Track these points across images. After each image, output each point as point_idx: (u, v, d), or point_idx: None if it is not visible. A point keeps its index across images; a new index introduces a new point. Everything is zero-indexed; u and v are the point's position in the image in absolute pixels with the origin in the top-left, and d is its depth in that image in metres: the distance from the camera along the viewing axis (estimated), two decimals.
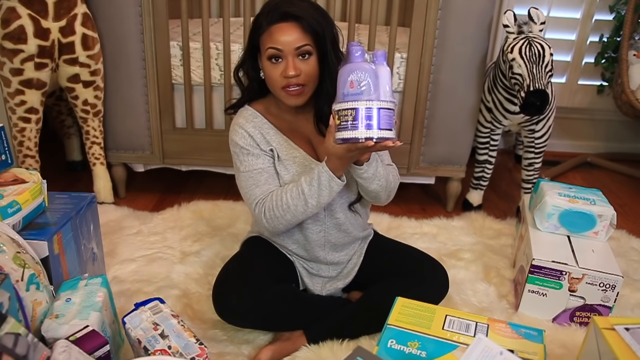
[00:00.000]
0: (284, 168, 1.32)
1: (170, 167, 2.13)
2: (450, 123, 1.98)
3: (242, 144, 1.30)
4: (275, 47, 1.20)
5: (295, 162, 1.32)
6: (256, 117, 1.33)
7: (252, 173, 1.30)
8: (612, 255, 1.50)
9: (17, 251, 1.10)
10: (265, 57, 1.23)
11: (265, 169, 1.31)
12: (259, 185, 1.30)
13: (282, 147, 1.32)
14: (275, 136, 1.32)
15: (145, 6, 1.83)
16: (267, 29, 1.21)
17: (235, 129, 1.32)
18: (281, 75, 1.22)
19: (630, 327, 1.00)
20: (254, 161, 1.30)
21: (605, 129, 2.89)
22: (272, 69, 1.22)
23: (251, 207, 1.31)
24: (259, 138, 1.31)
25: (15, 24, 1.66)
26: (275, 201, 1.26)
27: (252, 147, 1.30)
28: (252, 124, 1.32)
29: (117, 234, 1.82)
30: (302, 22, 1.20)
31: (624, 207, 2.27)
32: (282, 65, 1.21)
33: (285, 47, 1.20)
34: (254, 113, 1.33)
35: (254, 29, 1.25)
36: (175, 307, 1.41)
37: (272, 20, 1.21)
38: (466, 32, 1.86)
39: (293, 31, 1.20)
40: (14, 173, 1.31)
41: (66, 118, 2.26)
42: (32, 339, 0.90)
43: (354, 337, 1.34)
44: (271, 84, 1.25)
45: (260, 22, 1.23)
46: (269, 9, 1.21)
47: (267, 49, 1.21)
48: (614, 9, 2.55)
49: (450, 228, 1.98)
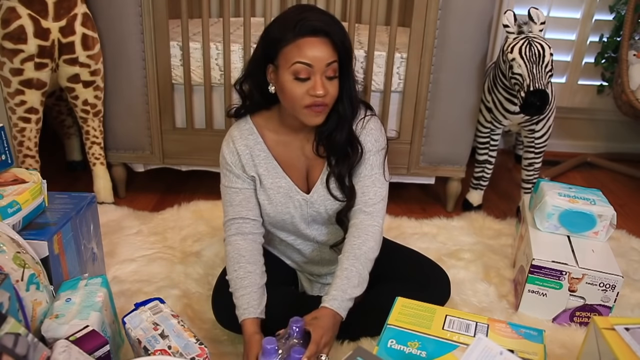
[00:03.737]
0: (266, 197, 1.29)
1: (170, 167, 2.13)
2: (450, 123, 1.98)
3: (228, 160, 1.28)
4: (305, 62, 1.11)
5: (280, 192, 1.28)
6: (252, 134, 1.28)
7: (230, 190, 1.29)
8: (612, 255, 1.50)
9: (17, 251, 1.10)
10: (288, 73, 1.13)
11: (243, 190, 1.29)
12: (232, 205, 1.29)
13: (269, 174, 1.28)
14: (265, 161, 1.28)
15: (145, 6, 1.83)
16: (293, 42, 1.11)
17: (228, 142, 1.29)
18: (307, 93, 1.14)
19: (630, 327, 1.00)
20: (234, 180, 1.29)
21: (605, 129, 2.89)
22: (296, 85, 1.13)
23: (223, 220, 1.31)
24: (246, 159, 1.27)
25: (15, 24, 1.66)
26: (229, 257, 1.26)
27: (235, 166, 1.28)
28: (244, 142, 1.27)
29: (117, 234, 1.82)
30: (334, 37, 1.13)
31: (624, 207, 2.27)
32: (309, 83, 1.13)
33: (316, 64, 1.12)
34: (250, 129, 1.28)
35: (271, 39, 1.15)
36: (175, 307, 1.41)
37: (300, 33, 1.11)
38: (466, 32, 1.86)
39: (323, 47, 1.12)
40: (14, 173, 1.31)
41: (66, 118, 2.26)
42: (32, 339, 0.90)
43: (354, 337, 1.34)
44: (291, 101, 1.16)
45: (282, 33, 1.13)
46: (295, 20, 1.12)
47: (295, 64, 1.12)
48: (614, 9, 2.55)
49: (450, 228, 1.98)
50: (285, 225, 1.33)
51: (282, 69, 1.15)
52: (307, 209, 1.30)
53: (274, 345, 1.06)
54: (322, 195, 1.29)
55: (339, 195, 1.28)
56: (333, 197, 1.28)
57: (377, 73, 1.93)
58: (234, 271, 1.24)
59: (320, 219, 1.32)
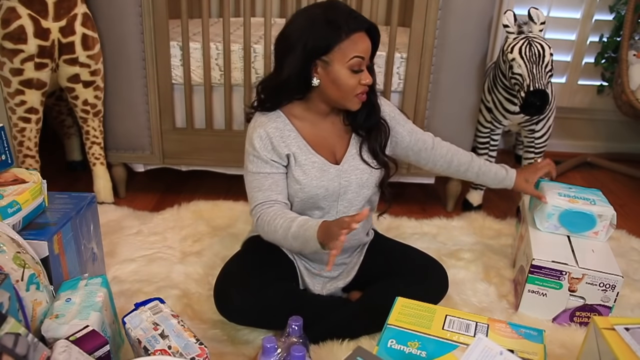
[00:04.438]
0: (302, 172, 1.32)
1: (170, 167, 2.13)
2: (450, 123, 1.98)
3: (257, 145, 1.31)
4: (361, 56, 1.24)
5: (314, 167, 1.33)
6: (279, 117, 1.34)
7: (258, 176, 1.32)
8: (612, 255, 1.50)
9: (17, 251, 1.10)
10: (345, 66, 1.24)
11: (272, 174, 1.32)
12: (262, 190, 1.32)
13: (302, 151, 1.33)
14: (295, 140, 1.33)
15: (145, 6, 1.83)
16: (348, 37, 1.22)
17: (255, 128, 1.32)
18: (359, 83, 1.27)
19: (630, 327, 1.00)
20: (262, 165, 1.32)
21: (605, 129, 2.89)
22: (351, 77, 1.25)
23: (250, 206, 1.34)
24: (277, 140, 1.31)
25: (15, 24, 1.66)
26: (270, 219, 1.28)
27: (264, 152, 1.31)
28: (274, 124, 1.32)
29: (117, 234, 1.82)
30: (373, 32, 1.28)
31: (624, 207, 2.27)
32: (361, 74, 1.26)
33: (366, 56, 1.26)
34: (277, 113, 1.34)
35: (323, 37, 1.22)
36: (175, 307, 1.41)
37: (353, 28, 1.23)
38: (466, 32, 1.86)
39: (368, 41, 1.27)
40: (14, 173, 1.31)
41: (66, 118, 2.26)
42: (32, 339, 0.90)
43: (354, 337, 1.34)
44: (345, 91, 1.27)
45: (336, 31, 1.22)
46: (344, 17, 1.22)
47: (353, 58, 1.23)
48: (614, 9, 2.55)
49: (450, 228, 1.98)
50: (317, 201, 1.35)
51: (338, 63, 1.24)
52: (339, 180, 1.35)
53: (273, 343, 1.06)
54: (352, 165, 1.37)
55: (371, 162, 1.38)
56: (365, 163, 1.38)
57: (377, 73, 1.92)
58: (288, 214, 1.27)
59: (351, 191, 1.37)
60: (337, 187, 1.35)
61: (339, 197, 1.37)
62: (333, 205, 1.38)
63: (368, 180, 1.38)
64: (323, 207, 1.37)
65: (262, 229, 1.31)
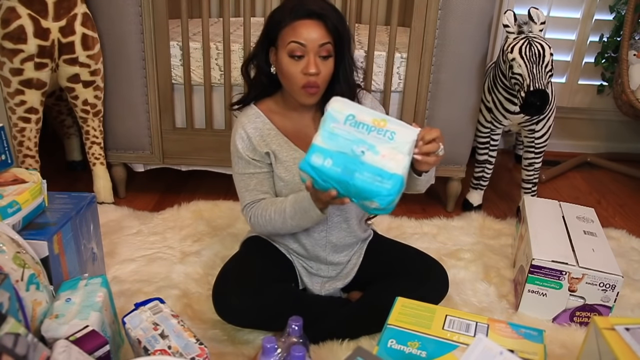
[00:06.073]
0: (284, 170, 1.33)
1: (170, 167, 2.13)
2: (450, 123, 1.98)
3: (239, 146, 1.34)
4: (299, 42, 1.21)
5: (296, 163, 1.32)
6: (258, 117, 1.35)
7: (244, 176, 1.35)
8: (612, 255, 1.50)
9: (17, 251, 1.10)
10: (285, 52, 1.23)
11: (256, 174, 1.34)
12: (248, 190, 1.35)
13: (282, 148, 1.33)
14: (276, 137, 1.34)
15: (145, 6, 1.83)
16: (290, 24, 1.22)
17: (237, 129, 1.35)
18: (301, 72, 1.23)
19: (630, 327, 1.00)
20: (246, 166, 1.34)
21: (605, 129, 2.89)
22: (292, 65, 1.23)
23: (241, 206, 1.37)
24: (257, 140, 1.33)
25: (15, 24, 1.66)
26: (262, 211, 1.31)
27: (246, 152, 1.33)
28: (253, 125, 1.34)
29: (117, 234, 1.82)
30: (327, 21, 1.22)
31: (624, 207, 2.27)
32: (303, 62, 1.22)
33: (309, 44, 1.21)
34: (257, 112, 1.35)
35: (272, 23, 1.26)
36: (175, 307, 1.41)
37: (296, 16, 1.22)
38: (466, 32, 1.86)
39: (317, 29, 1.22)
40: (14, 173, 1.31)
41: (66, 118, 2.26)
42: (32, 339, 0.90)
43: (354, 337, 1.34)
44: (289, 81, 1.26)
45: (282, 17, 1.23)
46: (293, 5, 1.23)
47: (290, 43, 1.22)
48: (614, 9, 2.55)
49: (450, 228, 1.98)
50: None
51: (281, 49, 1.24)
52: None
53: (273, 344, 1.06)
54: None
55: None
56: None
57: (377, 73, 1.93)
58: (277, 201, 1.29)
59: None
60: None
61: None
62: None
63: None
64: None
65: (257, 224, 1.34)
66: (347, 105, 1.09)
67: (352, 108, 1.09)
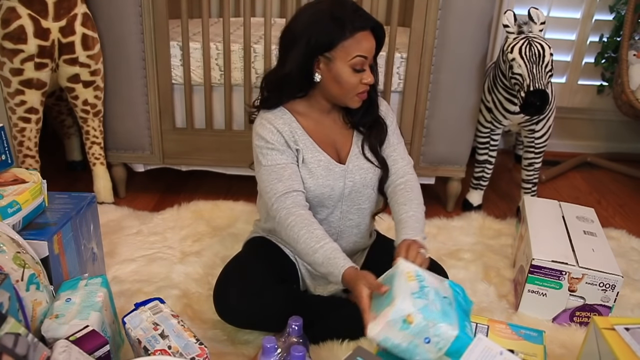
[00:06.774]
0: (308, 171, 1.31)
1: (170, 167, 2.13)
2: (450, 123, 1.98)
3: (269, 138, 1.29)
4: (364, 56, 1.23)
5: (320, 166, 1.32)
6: (285, 115, 1.32)
7: (276, 167, 1.29)
8: (612, 255, 1.50)
9: (17, 251, 1.10)
10: (347, 64, 1.23)
11: (289, 164, 1.30)
12: (282, 180, 1.27)
13: (308, 149, 1.32)
14: (302, 136, 1.32)
15: (145, 6, 1.83)
16: (352, 36, 1.21)
17: (263, 124, 1.31)
18: (360, 82, 1.26)
19: (630, 327, 1.00)
20: (278, 156, 1.29)
21: (605, 129, 2.89)
22: (354, 76, 1.24)
23: (270, 201, 1.28)
24: (287, 135, 1.30)
25: (15, 24, 1.66)
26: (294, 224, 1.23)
27: (278, 143, 1.29)
28: (281, 121, 1.31)
29: (117, 234, 1.82)
30: (378, 32, 1.26)
31: (624, 207, 2.27)
32: (363, 73, 1.25)
33: (369, 56, 1.24)
34: (282, 110, 1.32)
35: (327, 34, 1.21)
36: (175, 307, 1.41)
37: (358, 27, 1.21)
38: (466, 32, 1.86)
39: (372, 40, 1.25)
40: (14, 173, 1.31)
41: (66, 118, 2.26)
42: (32, 339, 0.90)
43: (354, 337, 1.34)
44: (344, 89, 1.26)
45: (341, 29, 1.20)
46: (352, 17, 1.21)
47: (356, 57, 1.22)
48: (614, 9, 2.55)
49: (450, 228, 1.98)
50: (323, 200, 1.35)
51: (340, 61, 1.23)
52: (345, 180, 1.35)
53: (273, 344, 1.06)
54: (356, 165, 1.37)
55: (374, 160, 1.38)
56: (369, 161, 1.37)
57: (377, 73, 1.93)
58: (314, 230, 1.22)
59: (355, 191, 1.37)
60: (341, 187, 1.35)
61: (342, 197, 1.37)
62: (337, 205, 1.38)
63: (372, 180, 1.38)
64: (328, 207, 1.37)
65: (283, 229, 1.26)
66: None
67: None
